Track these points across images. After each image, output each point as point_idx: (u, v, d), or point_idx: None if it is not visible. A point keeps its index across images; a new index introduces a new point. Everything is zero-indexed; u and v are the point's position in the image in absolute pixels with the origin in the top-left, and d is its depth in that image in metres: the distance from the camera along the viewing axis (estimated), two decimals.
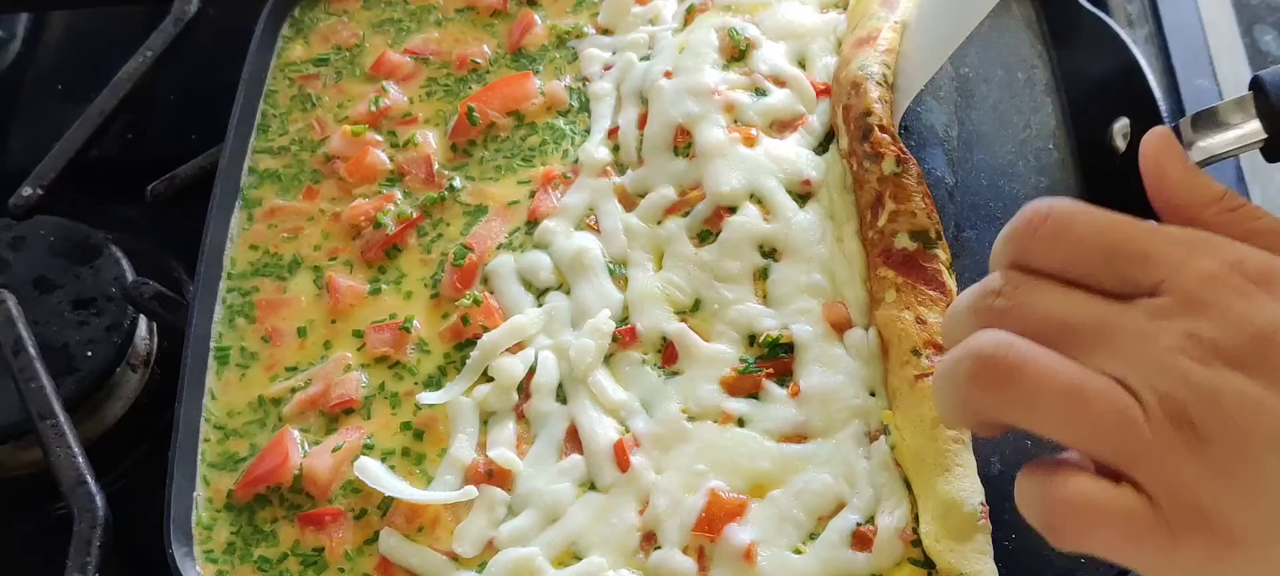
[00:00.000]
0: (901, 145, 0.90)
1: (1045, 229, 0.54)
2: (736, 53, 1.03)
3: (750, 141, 0.97)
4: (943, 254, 0.86)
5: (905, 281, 0.85)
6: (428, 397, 0.88)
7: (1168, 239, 0.53)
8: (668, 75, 1.02)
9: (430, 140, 1.03)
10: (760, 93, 1.00)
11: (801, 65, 1.03)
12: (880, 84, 0.94)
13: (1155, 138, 0.58)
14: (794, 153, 0.96)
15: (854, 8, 1.04)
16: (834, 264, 0.90)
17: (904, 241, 0.86)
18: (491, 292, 0.93)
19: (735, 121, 0.98)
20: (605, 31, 1.11)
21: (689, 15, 1.09)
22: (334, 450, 0.86)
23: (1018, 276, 0.53)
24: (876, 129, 0.91)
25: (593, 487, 0.83)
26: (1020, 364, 0.50)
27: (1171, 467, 0.48)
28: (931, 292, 0.84)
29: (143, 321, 1.03)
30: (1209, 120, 0.85)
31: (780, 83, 1.01)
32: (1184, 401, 0.48)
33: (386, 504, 0.83)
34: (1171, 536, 0.48)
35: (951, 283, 0.86)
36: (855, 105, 0.93)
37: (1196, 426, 0.47)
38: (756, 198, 0.94)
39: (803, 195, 0.95)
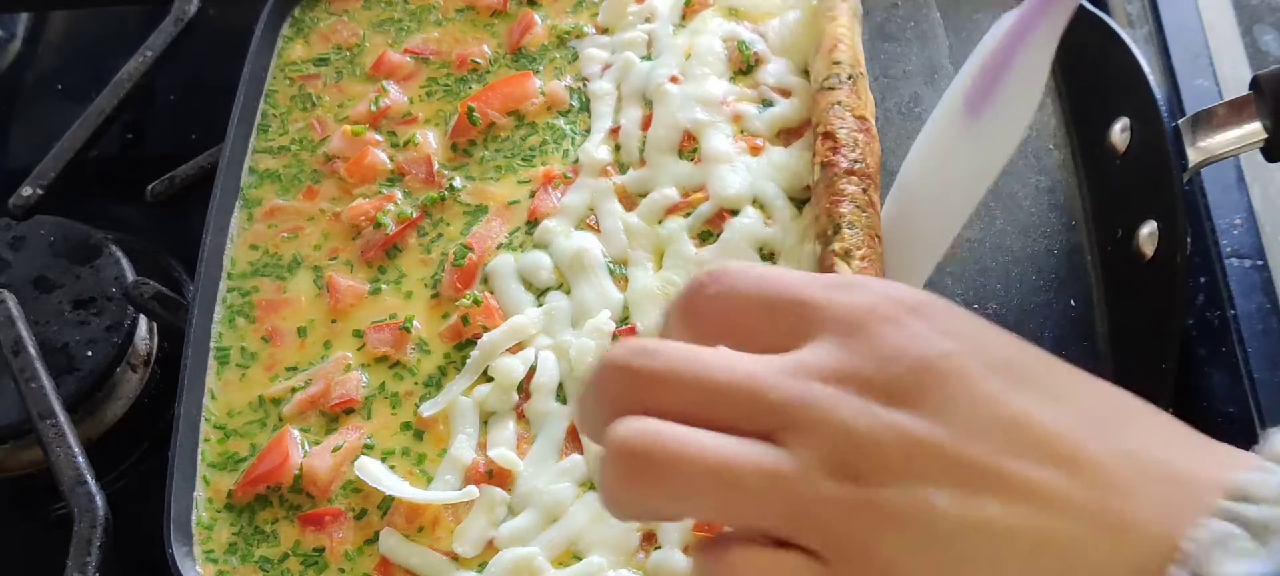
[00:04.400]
0: (828, 150, 0.88)
1: (713, 288, 0.51)
2: (744, 66, 1.03)
3: (756, 151, 0.97)
4: (838, 244, 0.82)
5: None
6: (428, 408, 0.87)
7: (822, 281, 0.51)
8: (674, 80, 1.02)
9: (430, 140, 1.03)
10: (767, 103, 1.00)
11: (807, 74, 1.03)
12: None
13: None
14: (797, 159, 0.96)
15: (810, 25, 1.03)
16: None
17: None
18: (491, 292, 0.93)
19: (742, 132, 0.99)
20: (605, 31, 1.11)
21: (688, 9, 1.09)
22: (334, 450, 0.86)
23: (659, 341, 0.49)
24: (821, 137, 0.90)
25: (593, 487, 0.83)
26: (665, 451, 0.45)
27: (837, 523, 0.44)
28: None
29: (143, 321, 1.03)
30: (1209, 120, 0.85)
31: (786, 93, 1.01)
32: (844, 453, 0.45)
33: (386, 504, 0.83)
34: None
35: (844, 267, 0.82)
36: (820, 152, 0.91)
37: (859, 476, 0.44)
38: (758, 203, 0.94)
39: (802, 201, 0.95)
